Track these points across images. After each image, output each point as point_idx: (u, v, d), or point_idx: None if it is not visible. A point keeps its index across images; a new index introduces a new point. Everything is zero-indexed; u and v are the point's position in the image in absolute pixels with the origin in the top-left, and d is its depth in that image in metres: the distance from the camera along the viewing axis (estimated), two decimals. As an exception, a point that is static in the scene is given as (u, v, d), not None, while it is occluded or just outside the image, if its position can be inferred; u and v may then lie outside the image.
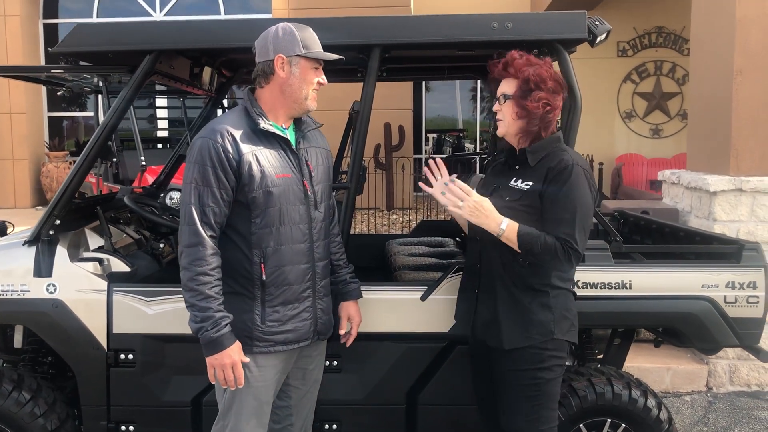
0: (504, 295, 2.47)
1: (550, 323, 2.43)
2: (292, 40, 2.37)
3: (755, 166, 4.80)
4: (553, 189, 2.36)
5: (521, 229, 2.34)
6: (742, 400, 4.66)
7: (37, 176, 12.88)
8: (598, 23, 2.82)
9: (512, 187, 2.47)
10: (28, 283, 2.88)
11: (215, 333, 2.28)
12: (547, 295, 2.44)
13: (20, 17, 12.54)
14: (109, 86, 7.39)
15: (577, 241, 2.32)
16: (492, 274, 2.49)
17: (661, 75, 12.44)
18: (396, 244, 4.31)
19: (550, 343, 2.43)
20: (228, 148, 2.31)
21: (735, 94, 4.80)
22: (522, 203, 2.41)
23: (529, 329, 2.43)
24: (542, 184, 2.38)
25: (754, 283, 2.84)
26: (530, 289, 2.44)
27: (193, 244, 2.30)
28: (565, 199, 2.34)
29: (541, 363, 2.43)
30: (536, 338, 2.42)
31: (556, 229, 2.33)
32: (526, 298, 2.44)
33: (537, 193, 2.39)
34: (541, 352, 2.43)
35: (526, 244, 2.33)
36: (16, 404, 2.85)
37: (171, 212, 3.62)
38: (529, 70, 2.40)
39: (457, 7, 12.86)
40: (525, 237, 2.34)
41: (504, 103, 2.46)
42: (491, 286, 2.50)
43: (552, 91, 2.41)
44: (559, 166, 2.37)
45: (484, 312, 2.53)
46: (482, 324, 2.54)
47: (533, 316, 2.43)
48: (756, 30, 4.75)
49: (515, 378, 2.46)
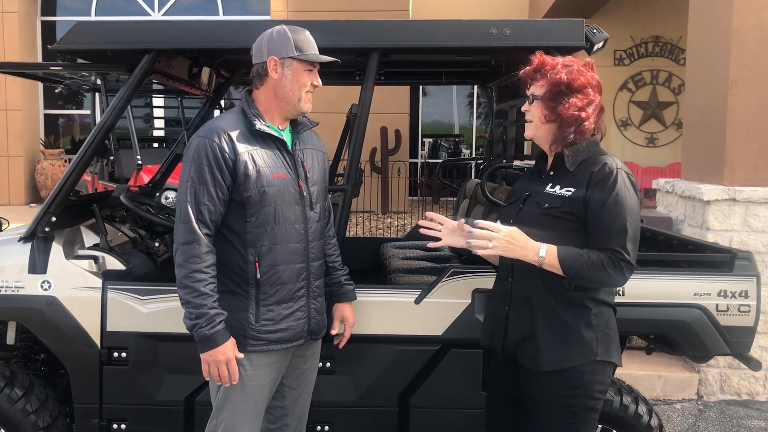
0: (543, 312, 2.27)
1: (593, 343, 2.23)
2: (286, 42, 2.39)
3: (749, 176, 4.83)
4: (599, 195, 2.18)
5: (561, 251, 2.17)
6: (732, 409, 4.69)
7: (32, 174, 12.85)
8: (596, 31, 2.84)
9: (550, 193, 2.28)
10: (23, 280, 2.88)
11: (210, 330, 2.29)
12: (590, 312, 2.25)
13: (18, 14, 12.53)
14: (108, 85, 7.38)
15: (629, 251, 2.16)
16: (528, 289, 2.30)
17: (657, 84, 12.49)
18: (391, 247, 4.33)
19: (591, 365, 2.23)
20: (224, 148, 2.33)
21: (730, 104, 4.83)
22: (562, 210, 2.23)
23: (571, 349, 2.22)
24: (585, 191, 2.20)
25: (746, 292, 2.85)
26: (572, 304, 2.25)
27: (188, 242, 2.31)
28: (614, 206, 2.16)
29: (580, 387, 2.23)
30: (578, 360, 2.22)
31: (604, 240, 2.17)
32: (567, 315, 2.24)
33: (581, 199, 2.21)
34: (581, 375, 2.23)
35: (570, 267, 2.16)
36: (8, 401, 2.85)
37: (167, 211, 3.63)
38: (562, 72, 2.25)
39: (454, 13, 12.92)
40: (568, 259, 2.16)
41: (533, 103, 2.31)
42: (527, 302, 2.30)
43: (588, 94, 2.25)
44: (603, 170, 2.21)
45: (517, 330, 2.33)
46: (515, 343, 2.34)
47: (575, 335, 2.23)
48: (751, 41, 4.78)
49: (550, 402, 2.26)
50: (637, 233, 2.20)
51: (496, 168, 3.74)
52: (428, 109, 15.41)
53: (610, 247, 2.15)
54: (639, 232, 2.22)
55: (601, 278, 2.17)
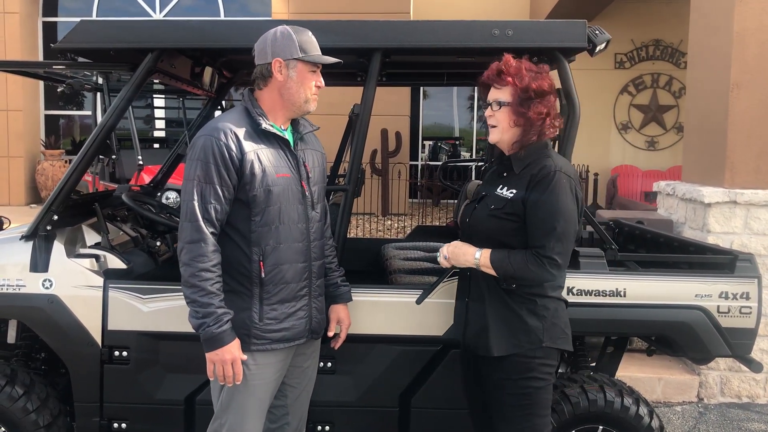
0: (494, 303, 2.44)
1: (539, 331, 2.39)
2: (290, 43, 2.39)
3: (750, 179, 4.83)
4: (535, 196, 2.32)
5: (493, 254, 2.36)
6: (732, 412, 4.68)
7: (32, 174, 12.85)
8: (598, 33, 2.84)
9: (498, 195, 2.43)
10: (24, 278, 2.88)
11: (217, 329, 2.29)
12: (536, 304, 2.41)
13: (20, 15, 12.54)
14: (110, 84, 7.39)
15: (551, 248, 2.29)
16: (481, 282, 2.48)
17: (657, 88, 12.51)
18: (391, 248, 4.33)
19: (540, 351, 2.39)
20: (231, 147, 2.33)
21: (731, 107, 4.83)
22: (505, 212, 2.38)
23: (518, 336, 2.39)
24: (525, 192, 2.35)
25: (747, 293, 2.85)
26: (519, 297, 2.41)
27: (194, 241, 2.31)
28: (545, 206, 2.30)
29: (531, 371, 2.40)
30: (525, 346, 2.39)
31: (532, 238, 2.33)
32: (515, 306, 2.41)
33: (520, 201, 2.35)
34: (530, 360, 2.39)
35: (499, 267, 2.35)
36: (9, 399, 2.85)
37: (168, 211, 3.63)
38: (527, 77, 2.36)
39: (456, 15, 12.94)
40: (496, 261, 2.35)
41: (499, 109, 2.40)
42: (481, 293, 2.48)
43: (551, 101, 2.39)
44: (541, 172, 2.34)
45: (474, 320, 2.51)
46: (473, 333, 2.52)
47: (522, 323, 2.40)
48: (753, 44, 4.79)
49: (505, 387, 2.43)
50: (567, 233, 2.31)
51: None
52: (429, 112, 15.42)
53: (534, 245, 2.32)
54: (571, 233, 2.34)
55: (527, 276, 2.33)
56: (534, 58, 3.06)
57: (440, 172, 6.79)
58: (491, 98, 2.44)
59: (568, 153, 2.84)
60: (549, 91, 2.38)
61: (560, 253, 2.31)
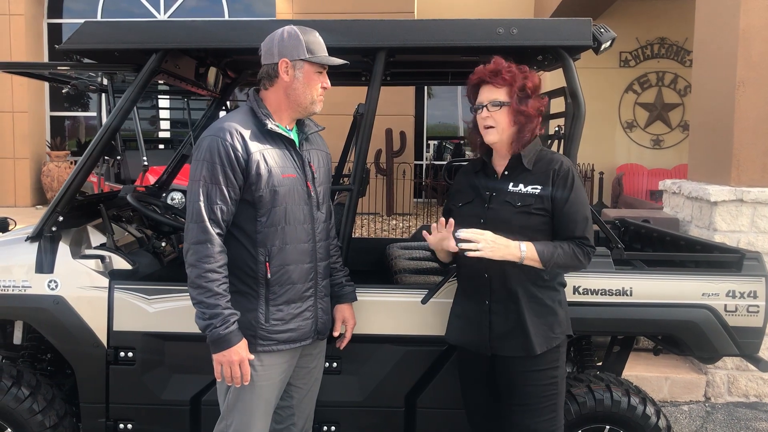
0: (527, 300, 2.45)
1: (564, 320, 2.51)
2: (297, 44, 2.38)
3: (756, 177, 4.81)
4: (564, 192, 2.42)
5: (538, 246, 2.38)
6: (740, 411, 4.66)
7: (37, 175, 12.89)
8: (603, 31, 2.83)
9: (517, 192, 2.45)
10: (30, 279, 2.88)
11: (224, 330, 2.28)
12: (559, 293, 2.52)
13: (25, 16, 12.57)
14: (114, 85, 7.40)
15: (590, 239, 2.44)
16: (509, 281, 2.45)
17: (662, 86, 12.45)
18: (397, 248, 4.32)
19: (565, 339, 2.51)
20: (237, 147, 2.32)
21: (737, 105, 4.81)
22: (536, 207, 2.43)
23: (554, 329, 2.46)
24: (552, 188, 2.43)
25: (755, 292, 2.84)
26: (548, 289, 2.48)
27: (201, 242, 2.30)
28: (576, 200, 2.42)
29: (557, 361, 2.48)
30: (560, 337, 2.48)
31: (572, 230, 2.42)
32: (548, 299, 2.47)
33: (548, 196, 2.43)
34: (559, 349, 2.48)
35: (549, 260, 2.38)
36: (15, 400, 2.85)
37: (173, 211, 3.63)
38: (520, 76, 2.43)
39: (460, 14, 12.92)
40: (545, 253, 2.38)
41: (498, 110, 2.42)
42: (511, 293, 2.46)
43: (540, 98, 2.48)
44: (561, 168, 2.44)
45: (501, 322, 2.47)
46: (500, 335, 2.47)
47: (554, 315, 2.47)
48: (759, 42, 4.77)
49: (535, 379, 2.45)
50: (591, 220, 2.50)
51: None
52: (433, 111, 15.40)
53: (578, 236, 2.43)
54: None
55: (574, 264, 2.44)
56: (539, 56, 3.06)
57: (445, 171, 6.78)
58: (486, 99, 2.45)
59: (573, 152, 2.83)
60: (538, 88, 2.47)
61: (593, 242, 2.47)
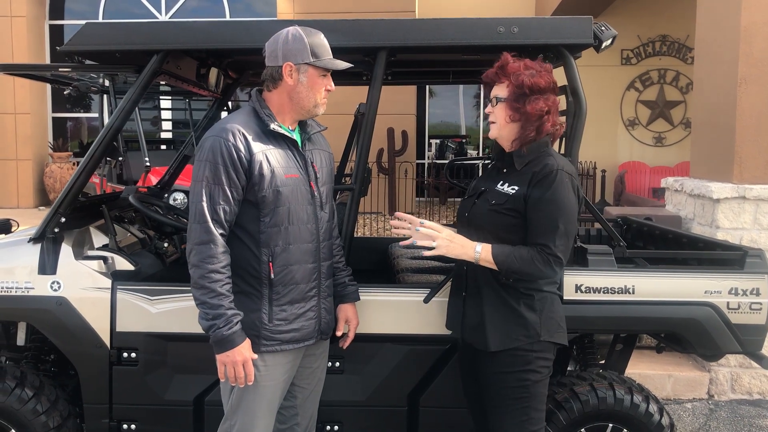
0: (491, 298, 2.47)
1: (536, 325, 2.42)
2: (302, 47, 2.37)
3: (759, 174, 4.80)
4: (537, 194, 2.36)
5: (495, 249, 2.37)
6: (743, 408, 4.66)
7: (40, 177, 12.92)
8: (604, 29, 2.83)
9: (498, 190, 2.47)
10: (33, 281, 2.89)
11: (227, 330, 2.28)
12: (533, 299, 2.44)
13: (26, 18, 12.60)
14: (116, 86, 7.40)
15: (557, 246, 2.33)
16: (478, 277, 2.49)
17: (664, 83, 12.45)
18: (399, 247, 4.32)
19: (537, 344, 2.43)
20: (240, 147, 2.32)
21: (739, 102, 4.80)
22: (506, 207, 2.41)
23: (515, 331, 2.42)
24: (527, 189, 2.38)
25: (758, 289, 2.83)
26: (516, 291, 2.44)
27: (204, 242, 2.30)
28: (548, 204, 2.34)
29: (528, 365, 2.43)
30: (522, 340, 2.42)
31: (536, 235, 2.35)
32: (512, 300, 2.44)
33: (522, 197, 2.39)
34: (527, 353, 2.42)
35: (502, 263, 2.35)
36: (19, 401, 2.86)
37: (175, 212, 3.64)
38: (525, 74, 2.40)
39: (460, 13, 12.92)
40: (500, 256, 2.35)
41: (496, 105, 2.47)
42: (478, 289, 2.50)
43: (549, 97, 2.43)
44: (543, 170, 2.37)
45: (472, 315, 2.53)
46: (470, 327, 2.54)
47: (519, 318, 2.43)
48: (760, 39, 4.76)
49: (502, 380, 2.45)
50: (569, 231, 2.36)
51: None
52: (435, 110, 15.40)
53: (539, 242, 2.34)
54: (572, 231, 2.39)
55: (531, 272, 2.35)
56: (540, 55, 3.06)
57: (447, 170, 6.78)
58: (492, 95, 2.51)
59: (575, 150, 2.83)
60: (546, 88, 2.41)
61: (563, 251, 2.35)
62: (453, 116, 15.67)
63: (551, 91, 2.44)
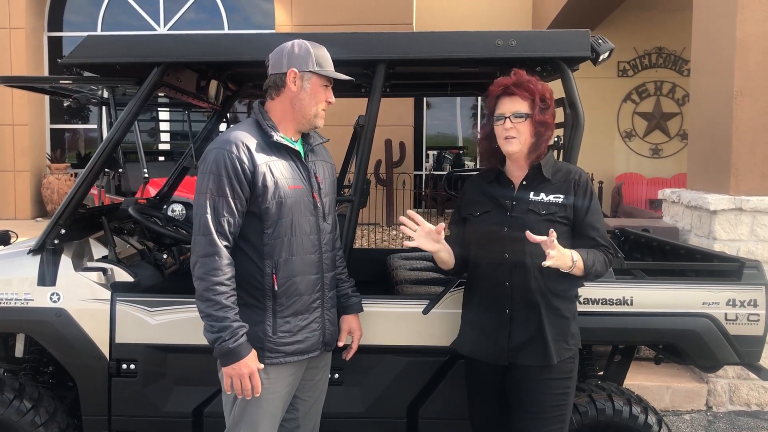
0: (547, 309, 2.47)
1: (577, 333, 2.55)
2: (307, 56, 2.40)
3: (755, 185, 4.82)
4: (586, 201, 2.49)
5: (583, 254, 2.41)
6: (741, 420, 4.66)
7: (38, 188, 12.90)
8: (601, 42, 2.85)
9: (541, 201, 2.48)
10: (32, 292, 2.89)
11: (233, 343, 2.28)
12: (575, 305, 2.56)
13: (25, 30, 12.62)
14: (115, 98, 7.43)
15: (612, 245, 2.52)
16: (531, 290, 2.46)
17: (661, 95, 12.51)
18: (397, 258, 4.33)
19: (578, 351, 2.56)
20: (243, 159, 2.33)
21: (735, 114, 4.83)
22: (560, 216, 2.47)
23: (569, 340, 2.50)
24: (573, 197, 2.48)
25: (755, 301, 2.85)
26: (566, 300, 2.51)
27: (208, 254, 2.30)
28: (595, 209, 2.51)
29: (570, 372, 2.51)
30: (573, 348, 2.52)
31: (596, 238, 2.48)
32: (565, 310, 2.50)
33: (571, 205, 2.48)
34: (572, 361, 2.52)
35: (590, 267, 2.41)
36: (17, 413, 2.85)
37: (175, 223, 3.64)
38: (539, 86, 2.46)
39: (458, 25, 12.99)
40: (588, 261, 2.41)
41: (523, 121, 2.43)
42: (532, 302, 2.46)
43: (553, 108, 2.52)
44: (581, 179, 2.52)
45: (522, 332, 2.47)
46: (517, 343, 2.48)
47: (571, 327, 2.52)
48: (756, 51, 4.79)
49: (550, 387, 2.48)
50: None
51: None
52: (432, 122, 15.44)
53: (603, 244, 2.50)
54: None
55: (603, 272, 2.48)
56: (538, 67, 3.08)
57: (445, 181, 6.76)
58: (508, 111, 2.45)
59: (573, 161, 2.85)
60: (552, 97, 2.51)
61: None
62: (450, 128, 15.72)
63: None
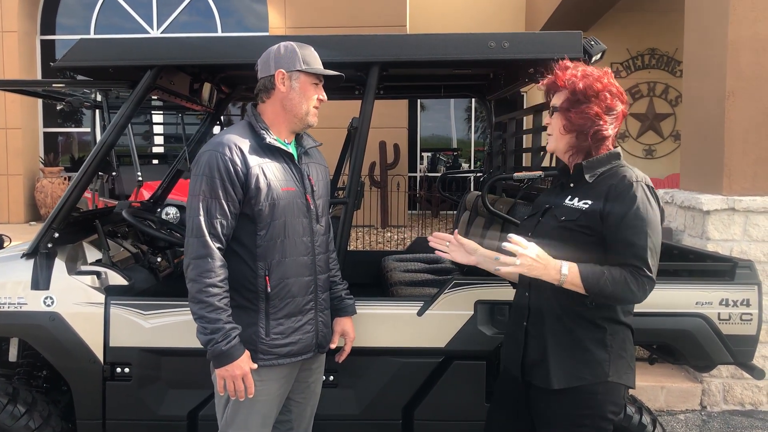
0: (555, 328, 2.20)
1: (605, 363, 2.15)
2: (293, 56, 2.42)
3: (748, 185, 4.85)
4: (619, 209, 2.10)
5: (583, 269, 2.08)
6: (735, 419, 4.67)
7: (31, 192, 12.86)
8: (594, 43, 2.86)
9: (568, 206, 2.22)
10: (26, 296, 2.88)
11: (226, 345, 2.28)
12: (605, 332, 2.17)
13: (18, 33, 12.58)
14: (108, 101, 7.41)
15: (649, 266, 2.06)
16: (543, 305, 2.23)
17: (654, 96, 12.56)
18: (392, 260, 4.33)
19: (603, 385, 2.15)
20: (236, 161, 2.33)
21: (727, 114, 4.86)
22: (579, 224, 2.15)
23: (581, 369, 2.15)
24: (603, 204, 2.13)
25: (748, 300, 2.86)
26: (586, 321, 2.17)
27: (201, 256, 2.31)
28: (634, 220, 2.07)
29: (592, 407, 2.15)
30: (588, 379, 2.14)
31: (626, 255, 2.08)
32: (579, 332, 2.17)
33: (598, 213, 2.13)
34: (593, 395, 2.15)
35: (593, 286, 2.06)
36: (11, 418, 2.84)
37: (169, 226, 3.64)
38: (579, 81, 2.18)
39: (451, 28, 13.00)
40: (591, 278, 2.06)
41: (552, 116, 2.26)
42: (543, 318, 2.23)
43: (606, 105, 2.17)
44: (622, 183, 2.13)
45: (534, 347, 2.25)
46: (531, 360, 2.26)
47: (586, 353, 2.16)
48: (747, 52, 4.82)
49: (563, 421, 2.19)
50: (657, 248, 2.11)
51: (496, 180, 3.77)
52: (426, 124, 15.47)
53: (631, 263, 2.07)
54: (660, 247, 2.14)
55: (624, 295, 2.08)
56: (530, 69, 3.09)
57: (439, 183, 6.78)
58: (551, 104, 2.29)
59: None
60: (600, 93, 2.17)
61: (655, 272, 2.09)
62: (444, 129, 15.75)
63: (612, 95, 2.18)
